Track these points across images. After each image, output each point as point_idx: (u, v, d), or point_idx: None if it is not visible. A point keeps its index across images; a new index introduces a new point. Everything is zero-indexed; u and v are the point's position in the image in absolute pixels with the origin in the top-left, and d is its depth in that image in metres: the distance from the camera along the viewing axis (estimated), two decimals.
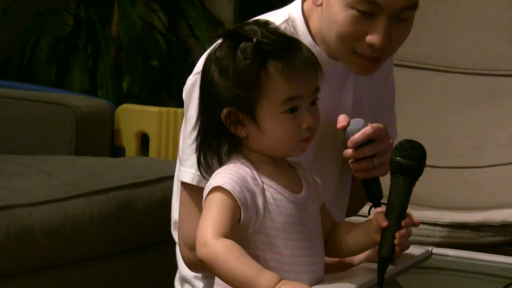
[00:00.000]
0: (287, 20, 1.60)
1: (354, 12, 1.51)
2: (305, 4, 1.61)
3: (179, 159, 1.64)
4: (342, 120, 1.59)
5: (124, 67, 3.11)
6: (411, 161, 1.41)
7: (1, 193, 2.02)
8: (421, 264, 1.59)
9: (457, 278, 1.53)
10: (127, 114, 2.76)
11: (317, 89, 1.39)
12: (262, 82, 1.36)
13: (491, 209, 2.31)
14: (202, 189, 1.54)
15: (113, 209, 2.14)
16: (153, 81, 3.15)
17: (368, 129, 1.59)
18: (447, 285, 1.47)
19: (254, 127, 1.38)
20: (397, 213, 1.42)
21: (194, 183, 1.58)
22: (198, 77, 1.59)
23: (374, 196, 1.64)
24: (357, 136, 1.57)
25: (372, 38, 1.52)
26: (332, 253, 1.49)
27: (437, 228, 2.01)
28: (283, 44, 1.38)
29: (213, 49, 1.40)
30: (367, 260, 1.54)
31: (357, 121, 1.60)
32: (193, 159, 1.57)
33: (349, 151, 1.58)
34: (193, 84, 1.62)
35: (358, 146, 1.57)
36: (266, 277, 1.29)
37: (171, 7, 3.29)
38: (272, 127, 1.37)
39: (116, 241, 2.16)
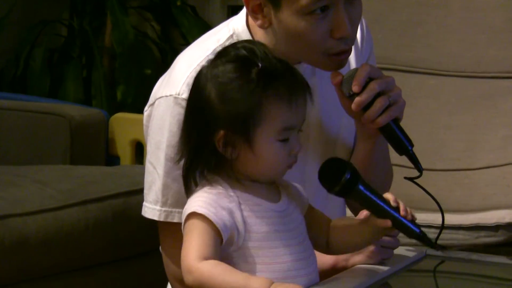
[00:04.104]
0: (231, 36, 1.57)
1: (310, 16, 1.48)
2: (250, 18, 1.57)
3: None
4: (335, 75, 1.54)
5: (118, 76, 3.13)
6: (340, 181, 1.40)
7: None
8: (415, 265, 1.58)
9: (452, 279, 1.54)
10: (122, 123, 2.76)
11: (304, 119, 1.39)
12: (262, 108, 1.34)
13: (485, 210, 2.32)
14: (174, 223, 1.55)
15: (109, 217, 2.15)
16: (147, 90, 3.14)
17: (363, 66, 1.54)
18: (441, 286, 1.47)
19: (247, 151, 1.36)
20: (383, 208, 1.41)
21: (162, 219, 1.57)
22: (153, 109, 1.58)
23: (403, 143, 1.54)
24: (358, 74, 1.52)
25: (340, 31, 1.50)
26: (337, 251, 1.49)
27: (432, 230, 2.01)
28: (283, 69, 1.37)
29: (207, 66, 1.39)
30: (361, 262, 1.54)
31: (349, 71, 1.55)
32: (153, 194, 1.57)
33: (359, 98, 1.51)
34: (148, 117, 1.61)
35: (362, 89, 1.51)
36: (257, 282, 1.28)
37: (164, 16, 3.30)
38: (266, 153, 1.36)
39: (112, 249, 2.17)
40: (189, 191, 1.40)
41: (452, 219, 2.02)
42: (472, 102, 2.71)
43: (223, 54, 1.38)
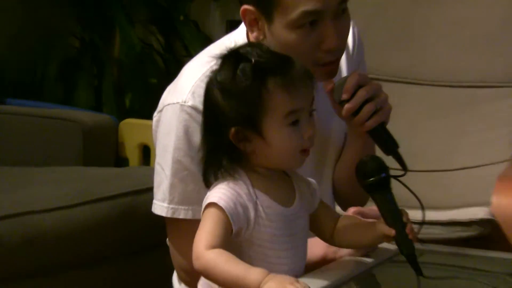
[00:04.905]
0: None
1: (300, 30, 1.48)
2: (248, 30, 1.57)
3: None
4: (327, 83, 1.54)
5: (126, 85, 3.13)
6: (375, 176, 1.42)
7: (17, 201, 2.04)
8: (397, 257, 1.57)
9: (430, 269, 1.55)
10: (130, 128, 2.76)
11: (313, 100, 1.37)
12: (264, 99, 1.32)
13: (460, 207, 2.32)
14: (180, 219, 1.56)
15: (118, 214, 2.15)
16: (153, 97, 3.14)
17: (353, 74, 1.54)
18: (420, 276, 1.49)
19: (261, 142, 1.35)
20: (395, 218, 1.42)
21: (169, 215, 1.57)
22: (161, 115, 1.59)
23: (389, 144, 1.54)
24: (348, 83, 1.52)
25: (327, 44, 1.50)
26: (340, 245, 1.50)
27: (412, 225, 2.03)
28: (279, 61, 1.35)
29: (212, 73, 1.38)
30: (348, 255, 1.55)
31: (340, 79, 1.55)
32: (161, 192, 1.57)
33: (348, 105, 1.52)
34: (156, 122, 1.60)
35: (352, 96, 1.52)
36: (254, 273, 1.28)
37: (168, 29, 3.29)
38: (278, 140, 1.34)
39: (121, 243, 2.17)
40: (208, 184, 1.38)
41: (430, 215, 2.01)
42: (450, 109, 2.70)
43: (224, 59, 1.38)
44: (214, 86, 1.37)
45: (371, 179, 1.42)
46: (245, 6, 1.53)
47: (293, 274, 1.35)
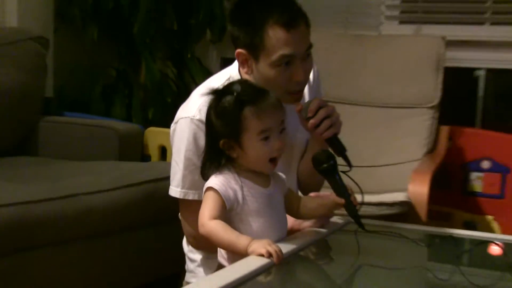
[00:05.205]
0: (228, 78, 1.57)
1: (278, 68, 1.50)
2: (240, 66, 1.59)
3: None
4: (297, 104, 1.56)
5: (149, 103, 3.10)
6: (327, 163, 1.45)
7: (70, 186, 2.01)
8: (342, 228, 1.61)
9: (367, 238, 1.56)
10: (152, 134, 2.74)
11: (282, 121, 1.38)
12: (242, 122, 1.33)
13: (386, 193, 2.31)
14: (189, 200, 1.56)
15: (143, 196, 2.13)
16: (169, 112, 3.14)
17: (315, 99, 1.57)
18: (360, 240, 1.49)
19: (241, 152, 1.36)
20: (343, 191, 1.45)
21: (181, 197, 1.57)
22: (176, 126, 1.59)
23: (340, 148, 1.56)
24: (312, 105, 1.55)
25: (296, 78, 1.52)
26: (304, 217, 1.51)
27: (355, 195, 2.02)
28: (255, 94, 1.36)
29: (211, 101, 1.39)
30: (309, 227, 1.55)
31: (306, 102, 1.57)
32: (176, 181, 1.57)
33: (312, 121, 1.54)
34: (173, 131, 1.60)
35: (315, 114, 1.54)
36: (242, 239, 1.30)
37: (179, 64, 3.28)
38: (252, 151, 1.35)
39: (145, 217, 2.15)
40: (205, 178, 1.39)
41: (366, 198, 2.02)
42: (380, 122, 2.72)
43: (219, 92, 1.39)
44: (211, 109, 1.38)
45: (324, 165, 1.44)
46: (239, 50, 1.54)
47: (276, 241, 1.35)
